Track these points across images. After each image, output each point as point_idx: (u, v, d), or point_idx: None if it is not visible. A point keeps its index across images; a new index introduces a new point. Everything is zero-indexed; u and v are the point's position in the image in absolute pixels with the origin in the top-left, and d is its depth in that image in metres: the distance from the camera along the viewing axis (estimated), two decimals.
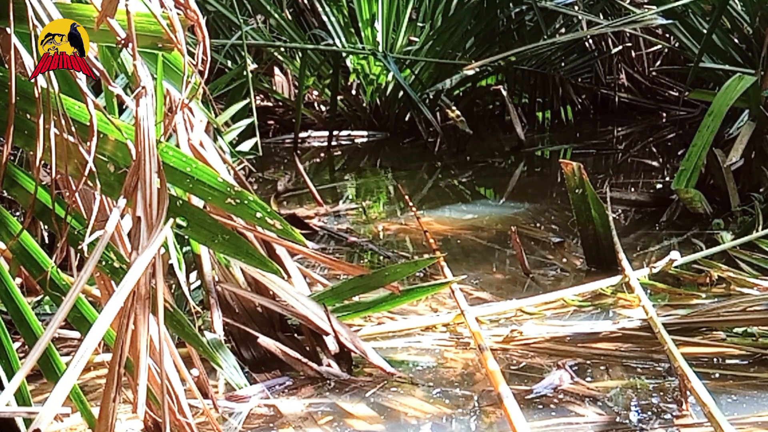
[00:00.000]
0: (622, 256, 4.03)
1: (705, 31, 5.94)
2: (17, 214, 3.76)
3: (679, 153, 6.72)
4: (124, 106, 2.91)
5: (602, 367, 3.28)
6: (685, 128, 7.98)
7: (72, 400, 2.40)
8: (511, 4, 8.01)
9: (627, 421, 2.88)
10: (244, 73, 6.04)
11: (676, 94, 8.66)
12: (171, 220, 2.15)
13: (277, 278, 3.27)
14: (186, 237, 3.08)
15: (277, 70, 8.43)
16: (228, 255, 2.74)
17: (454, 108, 7.66)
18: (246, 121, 5.15)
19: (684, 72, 7.66)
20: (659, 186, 6.30)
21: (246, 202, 2.30)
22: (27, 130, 2.21)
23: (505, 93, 7.83)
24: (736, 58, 5.94)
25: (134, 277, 1.95)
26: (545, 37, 7.79)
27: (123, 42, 2.14)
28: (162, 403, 2.03)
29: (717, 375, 3.15)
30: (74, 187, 2.20)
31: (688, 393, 2.84)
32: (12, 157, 2.46)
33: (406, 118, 7.99)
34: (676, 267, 4.08)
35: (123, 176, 2.14)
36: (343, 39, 7.92)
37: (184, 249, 3.41)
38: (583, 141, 7.78)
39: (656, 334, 3.20)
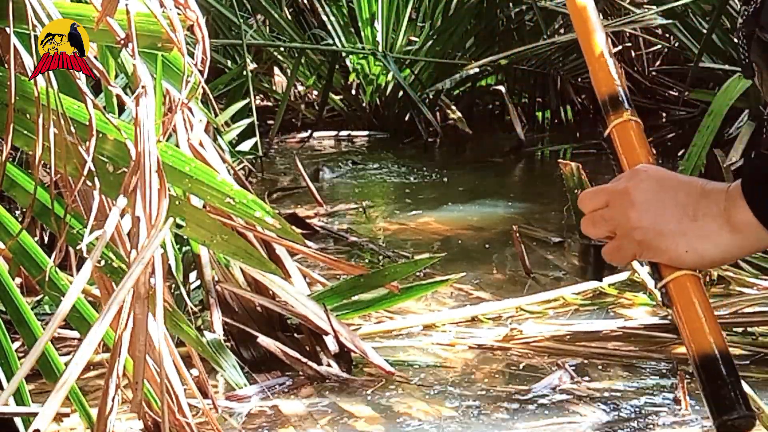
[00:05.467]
0: None
1: (705, 31, 5.94)
2: (17, 213, 3.76)
3: (679, 153, 6.71)
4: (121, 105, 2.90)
5: (602, 367, 3.28)
6: (685, 128, 7.96)
7: (71, 400, 2.40)
8: (511, 4, 7.99)
9: (627, 421, 2.88)
10: (244, 72, 6.04)
11: (676, 94, 8.63)
12: (170, 220, 2.15)
13: (277, 278, 3.27)
14: (185, 237, 3.08)
15: (277, 70, 8.42)
16: (227, 255, 2.75)
17: (454, 108, 7.65)
18: (246, 121, 5.14)
19: (684, 72, 7.65)
20: None
21: (245, 201, 2.29)
22: (27, 130, 2.21)
23: (505, 93, 7.82)
24: (736, 58, 5.93)
25: (134, 277, 1.95)
26: (545, 37, 7.78)
27: (123, 42, 2.13)
28: (161, 403, 2.03)
29: None
30: (73, 187, 2.20)
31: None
32: (12, 157, 2.46)
33: (406, 118, 7.97)
34: None
35: (122, 176, 2.14)
36: (343, 39, 7.91)
37: (184, 249, 3.40)
38: (583, 141, 7.77)
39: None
